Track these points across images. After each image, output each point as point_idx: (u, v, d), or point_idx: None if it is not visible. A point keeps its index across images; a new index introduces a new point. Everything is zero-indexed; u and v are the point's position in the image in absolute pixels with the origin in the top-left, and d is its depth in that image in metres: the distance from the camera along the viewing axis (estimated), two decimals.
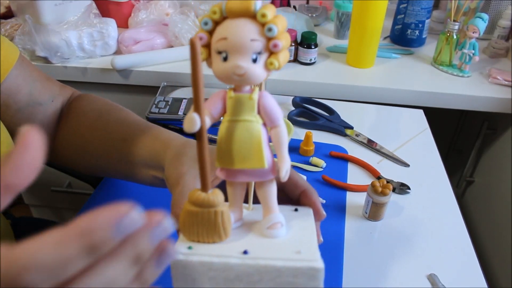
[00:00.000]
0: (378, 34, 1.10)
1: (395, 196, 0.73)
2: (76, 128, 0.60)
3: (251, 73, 0.31)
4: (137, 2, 1.24)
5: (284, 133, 0.34)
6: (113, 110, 0.61)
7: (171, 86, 1.01)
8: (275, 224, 0.35)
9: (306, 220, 0.39)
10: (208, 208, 0.32)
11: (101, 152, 0.57)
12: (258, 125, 0.33)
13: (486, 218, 1.26)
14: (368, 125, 0.92)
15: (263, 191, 0.35)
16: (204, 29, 0.32)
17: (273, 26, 0.30)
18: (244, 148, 0.33)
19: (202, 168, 0.32)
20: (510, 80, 1.08)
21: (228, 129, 0.33)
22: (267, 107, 0.33)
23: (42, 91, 0.61)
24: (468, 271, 0.61)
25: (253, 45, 0.31)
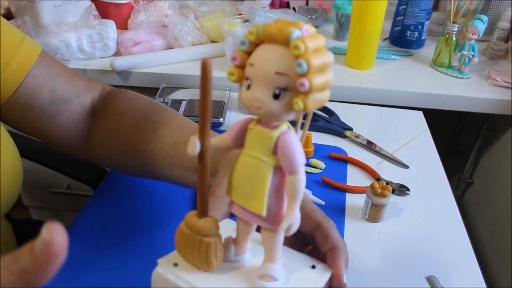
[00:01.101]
0: (377, 36, 1.10)
1: (394, 197, 0.73)
2: (117, 129, 0.58)
3: (268, 109, 0.28)
4: (136, 4, 1.24)
5: (299, 183, 0.29)
6: (157, 110, 0.58)
7: (170, 87, 1.02)
8: (267, 276, 0.32)
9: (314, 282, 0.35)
10: (196, 235, 0.31)
11: (149, 155, 0.55)
12: (268, 167, 0.30)
13: (485, 219, 1.26)
14: (367, 126, 0.92)
15: (265, 237, 0.32)
16: (240, 49, 0.29)
17: (303, 62, 0.26)
18: (247, 187, 0.30)
19: (201, 193, 0.30)
20: (509, 82, 1.08)
21: (239, 161, 0.31)
22: (286, 149, 0.29)
23: (67, 88, 0.58)
24: (468, 272, 0.61)
25: (277, 79, 0.27)
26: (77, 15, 1.11)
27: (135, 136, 0.56)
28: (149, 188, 0.72)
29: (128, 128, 0.57)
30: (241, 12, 1.26)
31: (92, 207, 0.68)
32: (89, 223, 0.65)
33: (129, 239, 0.62)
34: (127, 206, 0.68)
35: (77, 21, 1.10)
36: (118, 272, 0.56)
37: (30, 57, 0.55)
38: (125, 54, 1.11)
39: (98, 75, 1.08)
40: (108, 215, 0.66)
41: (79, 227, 0.64)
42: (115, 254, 0.59)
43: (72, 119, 0.59)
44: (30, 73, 0.54)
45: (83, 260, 0.59)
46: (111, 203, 0.69)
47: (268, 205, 0.30)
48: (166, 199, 0.70)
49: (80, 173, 0.88)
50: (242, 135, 0.31)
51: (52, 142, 0.61)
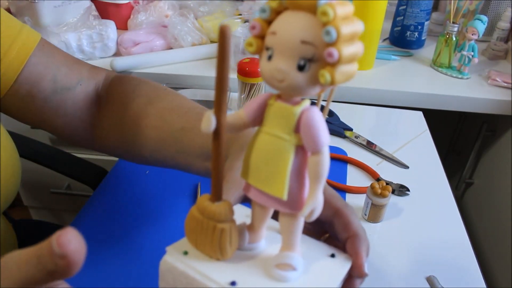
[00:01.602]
0: (377, 36, 1.10)
1: (394, 198, 0.73)
2: (123, 117, 0.57)
3: (291, 81, 0.25)
4: (136, 4, 1.24)
5: (323, 164, 0.27)
6: (164, 95, 0.57)
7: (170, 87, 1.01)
8: (285, 265, 0.29)
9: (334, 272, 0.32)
10: (209, 221, 0.28)
11: (157, 142, 0.53)
12: (290, 146, 0.27)
13: (485, 219, 1.26)
14: (367, 127, 0.92)
15: (283, 223, 0.29)
16: (260, 17, 0.26)
17: (332, 30, 0.23)
18: (266, 169, 0.28)
19: (215, 175, 0.28)
20: (509, 82, 1.08)
21: (258, 141, 0.28)
22: (310, 127, 0.27)
23: (69, 75, 0.57)
24: (467, 272, 0.61)
25: (303, 49, 0.24)
26: (77, 16, 1.11)
27: (142, 124, 0.55)
28: (149, 188, 0.72)
29: (135, 117, 0.56)
30: (241, 12, 1.25)
31: (92, 207, 0.68)
32: (89, 223, 0.65)
33: (129, 239, 0.62)
34: (126, 206, 0.68)
35: (77, 21, 1.10)
36: (118, 272, 0.56)
37: (28, 46, 0.54)
38: (125, 54, 1.12)
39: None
40: (108, 215, 0.66)
41: (79, 227, 0.64)
42: (115, 254, 0.59)
43: (76, 108, 0.58)
44: (29, 62, 0.54)
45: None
46: (111, 204, 0.69)
47: (290, 188, 0.28)
48: (166, 199, 0.70)
49: (80, 173, 0.88)
50: (261, 112, 0.28)
51: (58, 133, 0.60)
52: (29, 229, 0.82)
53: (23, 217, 0.94)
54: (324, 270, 0.32)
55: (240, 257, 0.31)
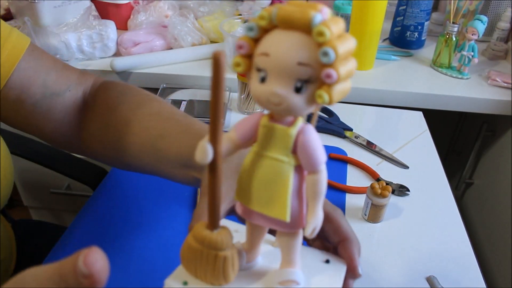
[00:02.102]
0: (377, 36, 1.10)
1: (394, 198, 0.73)
2: (108, 124, 0.56)
3: (289, 104, 0.25)
4: (136, 4, 1.24)
5: (322, 182, 0.27)
6: (147, 101, 0.56)
7: (170, 88, 1.02)
8: (288, 282, 0.29)
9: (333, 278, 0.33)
10: (210, 250, 0.27)
11: (137, 149, 0.53)
12: (289, 168, 0.27)
13: (485, 220, 1.26)
14: (367, 127, 0.92)
15: (283, 242, 0.30)
16: (248, 36, 0.25)
17: (330, 51, 0.23)
18: (266, 192, 0.28)
19: (212, 205, 0.27)
20: (509, 82, 1.08)
21: (253, 163, 0.27)
22: (307, 147, 0.26)
23: (58, 81, 0.57)
24: (467, 272, 0.61)
25: (299, 71, 0.24)
26: (77, 16, 1.11)
27: (124, 131, 0.55)
28: (149, 188, 0.72)
29: (118, 123, 0.55)
30: (241, 12, 1.25)
31: (92, 208, 0.68)
32: (88, 223, 0.65)
33: (129, 239, 0.62)
34: (126, 206, 0.68)
35: (77, 21, 1.10)
36: (118, 272, 0.56)
37: (18, 50, 0.53)
38: (125, 54, 1.11)
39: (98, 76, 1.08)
40: (107, 215, 0.66)
41: (79, 227, 0.64)
42: (115, 254, 0.59)
43: (65, 113, 0.58)
44: (19, 66, 0.53)
45: None
46: (111, 204, 0.69)
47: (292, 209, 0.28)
48: (166, 199, 0.70)
49: (80, 173, 0.88)
50: (253, 133, 0.28)
51: (47, 138, 0.60)
52: (28, 229, 0.82)
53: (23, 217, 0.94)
54: (323, 277, 0.32)
55: (240, 278, 0.30)
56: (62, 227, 0.84)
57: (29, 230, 0.82)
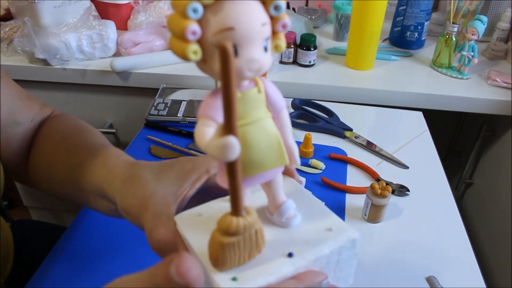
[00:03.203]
0: (377, 36, 1.10)
1: (394, 198, 0.73)
2: (43, 150, 0.56)
3: (265, 65, 0.27)
4: (136, 4, 1.24)
5: (288, 118, 0.31)
6: (78, 132, 0.56)
7: (170, 88, 1.01)
8: (291, 213, 0.33)
9: (296, 189, 0.37)
10: (250, 231, 0.28)
11: (62, 177, 0.52)
12: (270, 120, 0.30)
13: (485, 220, 1.26)
14: (367, 127, 0.92)
15: (274, 184, 0.32)
16: (193, 18, 0.24)
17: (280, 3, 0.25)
18: (264, 151, 0.29)
19: (236, 193, 0.27)
20: (509, 82, 1.08)
21: (241, 136, 0.28)
22: (273, 96, 0.30)
23: (23, 111, 0.57)
24: (467, 273, 0.61)
25: (264, 31, 0.26)
26: (77, 16, 1.11)
27: (52, 159, 0.54)
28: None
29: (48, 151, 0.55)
30: None
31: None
32: (88, 223, 0.65)
33: (129, 239, 0.62)
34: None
35: (77, 21, 1.10)
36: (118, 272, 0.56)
37: None
38: (125, 54, 1.11)
39: (98, 76, 1.08)
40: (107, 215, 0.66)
41: (79, 227, 0.64)
42: (115, 254, 0.59)
43: (23, 144, 0.57)
44: None
45: (82, 261, 0.59)
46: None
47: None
48: None
49: None
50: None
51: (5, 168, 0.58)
52: (27, 230, 0.82)
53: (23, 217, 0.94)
54: (291, 193, 0.36)
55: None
56: (62, 227, 0.84)
57: (28, 230, 0.82)
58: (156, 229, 0.36)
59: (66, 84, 1.11)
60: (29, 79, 1.09)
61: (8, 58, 1.09)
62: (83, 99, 1.15)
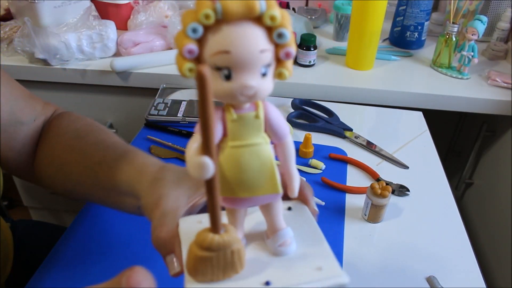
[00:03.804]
0: (377, 36, 1.10)
1: (394, 198, 0.73)
2: (54, 149, 0.57)
3: (261, 91, 0.26)
4: (136, 4, 1.24)
5: (292, 146, 0.30)
6: (93, 131, 0.57)
7: (170, 88, 1.01)
8: (286, 241, 0.32)
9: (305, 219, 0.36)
10: (224, 250, 0.28)
11: (78, 175, 0.53)
12: (267, 146, 0.29)
13: (485, 220, 1.26)
14: (367, 127, 0.92)
15: (269, 210, 0.32)
16: (192, 38, 0.25)
17: (285, 31, 0.25)
18: (255, 176, 0.29)
19: (213, 212, 0.27)
20: (509, 82, 1.08)
21: (233, 157, 0.29)
22: (274, 122, 0.29)
23: (25, 110, 0.57)
24: (467, 273, 0.61)
25: (262, 58, 0.25)
26: (77, 16, 1.11)
27: (67, 158, 0.54)
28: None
29: (61, 151, 0.55)
30: None
31: (92, 208, 0.68)
32: (88, 224, 0.65)
33: (129, 240, 0.62)
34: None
35: (77, 21, 1.10)
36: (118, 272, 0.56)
37: None
38: (125, 54, 1.11)
39: (98, 76, 1.08)
40: (107, 216, 0.66)
41: (79, 228, 0.64)
42: (115, 254, 0.59)
43: (26, 143, 0.58)
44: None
45: (82, 261, 0.59)
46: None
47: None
48: None
49: None
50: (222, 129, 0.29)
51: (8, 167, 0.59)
52: (27, 230, 0.82)
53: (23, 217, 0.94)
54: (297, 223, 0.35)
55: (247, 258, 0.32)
56: (62, 227, 0.84)
57: (28, 230, 0.82)
58: (159, 227, 0.38)
59: (66, 84, 1.11)
60: (29, 79, 1.09)
61: (8, 58, 1.09)
62: (83, 99, 1.15)
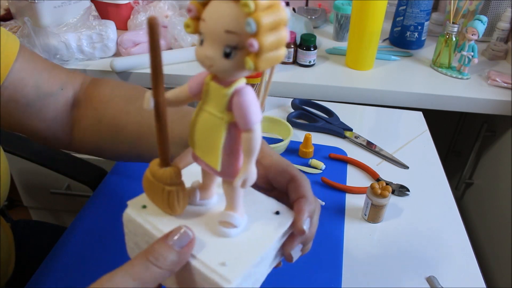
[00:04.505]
0: (377, 36, 1.10)
1: (394, 198, 0.73)
2: (103, 116, 0.58)
3: (218, 67, 0.27)
4: (136, 4, 1.24)
5: (254, 140, 0.29)
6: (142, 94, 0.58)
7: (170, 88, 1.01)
8: (226, 223, 0.33)
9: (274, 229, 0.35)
10: (159, 183, 0.32)
11: (137, 136, 0.56)
12: (222, 123, 0.29)
13: (485, 220, 1.26)
14: (367, 127, 0.92)
15: (224, 188, 0.33)
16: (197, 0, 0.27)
17: (251, 22, 0.24)
18: (204, 142, 0.31)
19: (162, 145, 0.31)
20: (509, 82, 1.08)
21: (196, 115, 0.31)
22: (240, 106, 0.28)
23: (50, 81, 0.58)
24: (467, 272, 0.61)
25: (227, 37, 0.26)
26: (77, 16, 1.11)
27: (122, 121, 0.56)
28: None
29: (114, 115, 0.57)
30: None
31: (92, 208, 0.68)
32: (88, 223, 0.65)
33: None
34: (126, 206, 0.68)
35: (77, 21, 1.10)
36: None
37: (11, 51, 0.53)
38: (125, 54, 1.11)
39: (97, 76, 1.08)
40: (107, 216, 0.66)
41: (79, 227, 0.64)
42: (115, 254, 0.59)
43: (57, 112, 0.59)
44: (13, 67, 0.53)
45: (82, 261, 0.59)
46: (110, 204, 0.68)
47: (225, 160, 0.31)
48: None
49: (80, 174, 0.88)
50: (200, 89, 0.31)
51: (38, 137, 0.61)
52: (27, 230, 0.82)
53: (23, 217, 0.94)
54: (265, 226, 0.35)
55: (192, 212, 0.35)
56: (62, 227, 0.84)
57: (28, 230, 0.82)
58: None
59: None
60: None
61: None
62: None
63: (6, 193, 0.62)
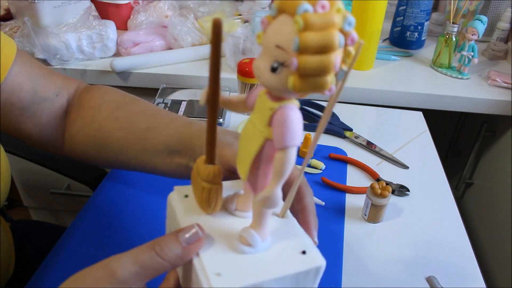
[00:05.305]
0: (377, 36, 1.10)
1: (394, 198, 0.73)
2: (92, 121, 0.58)
3: (264, 80, 0.27)
4: (136, 4, 1.24)
5: (285, 162, 0.28)
6: (133, 101, 0.59)
7: (170, 88, 1.01)
8: (244, 239, 0.32)
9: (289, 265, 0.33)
10: (199, 179, 0.33)
11: (122, 143, 0.55)
12: (260, 137, 0.30)
13: (485, 220, 1.26)
14: (367, 127, 0.92)
15: (253, 203, 0.33)
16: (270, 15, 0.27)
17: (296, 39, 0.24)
18: (242, 149, 0.32)
19: (209, 141, 0.32)
20: (509, 82, 1.08)
21: (245, 125, 0.32)
22: (279, 124, 0.28)
23: (46, 86, 0.58)
24: (467, 273, 0.61)
25: (277, 53, 0.26)
26: (76, 16, 1.11)
27: (109, 126, 0.56)
28: (149, 189, 0.72)
29: (103, 121, 0.57)
30: (240, 13, 1.25)
31: (92, 208, 0.68)
32: (88, 223, 0.65)
33: (128, 239, 0.62)
34: (126, 207, 0.68)
35: (77, 21, 1.10)
36: None
37: (8, 55, 0.54)
38: (125, 54, 1.11)
39: (97, 76, 1.08)
40: (107, 216, 0.66)
41: (79, 227, 0.64)
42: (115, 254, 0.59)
43: (51, 118, 0.59)
44: (10, 71, 0.53)
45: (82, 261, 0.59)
46: (110, 204, 0.68)
47: (253, 173, 0.31)
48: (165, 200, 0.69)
49: (80, 174, 0.88)
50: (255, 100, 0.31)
51: (31, 141, 0.61)
52: (27, 230, 0.82)
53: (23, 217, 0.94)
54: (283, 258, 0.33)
55: (223, 218, 0.35)
56: (62, 227, 0.84)
57: (28, 230, 0.82)
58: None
59: None
60: None
61: None
62: None
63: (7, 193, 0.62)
